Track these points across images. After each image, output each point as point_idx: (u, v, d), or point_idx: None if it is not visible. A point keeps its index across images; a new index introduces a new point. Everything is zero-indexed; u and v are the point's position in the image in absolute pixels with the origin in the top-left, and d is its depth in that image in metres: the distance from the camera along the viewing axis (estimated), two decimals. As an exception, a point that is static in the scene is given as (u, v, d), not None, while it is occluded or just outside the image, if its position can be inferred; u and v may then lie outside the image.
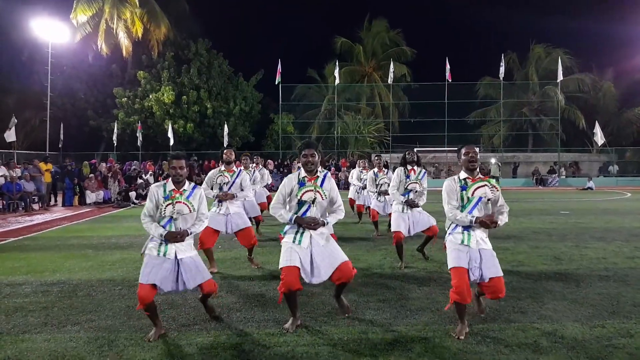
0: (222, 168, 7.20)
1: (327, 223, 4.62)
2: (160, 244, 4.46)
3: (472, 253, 4.39)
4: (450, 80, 33.14)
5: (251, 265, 7.31)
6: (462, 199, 4.52)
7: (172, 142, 30.62)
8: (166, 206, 4.46)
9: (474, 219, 4.39)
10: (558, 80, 33.56)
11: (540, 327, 4.61)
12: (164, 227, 4.48)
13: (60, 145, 30.60)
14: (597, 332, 4.46)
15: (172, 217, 4.48)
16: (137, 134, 31.45)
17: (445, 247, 4.66)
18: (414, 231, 7.15)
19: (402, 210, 7.15)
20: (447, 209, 4.56)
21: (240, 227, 7.00)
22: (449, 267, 4.46)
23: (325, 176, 4.73)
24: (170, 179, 4.61)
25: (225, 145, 8.89)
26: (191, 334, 4.47)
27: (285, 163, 31.54)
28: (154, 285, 4.31)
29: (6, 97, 32.78)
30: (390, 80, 34.56)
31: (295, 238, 4.56)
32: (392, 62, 34.96)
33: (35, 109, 32.53)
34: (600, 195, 23.05)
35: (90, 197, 19.53)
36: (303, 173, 4.68)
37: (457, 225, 4.55)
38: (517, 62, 40.27)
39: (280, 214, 4.62)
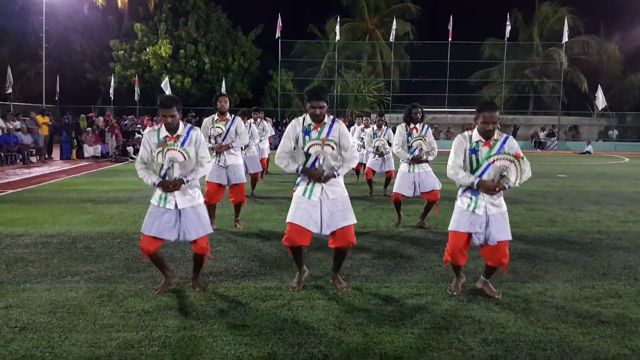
0: (215, 117, 6.84)
1: (338, 175, 4.33)
2: (161, 193, 4.29)
3: (477, 218, 4.16)
4: (451, 40, 32.61)
5: (236, 226, 7.06)
6: (470, 162, 4.20)
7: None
8: (157, 154, 4.22)
9: (476, 182, 4.09)
10: (563, 42, 33.04)
11: (531, 286, 4.70)
12: (163, 176, 4.28)
13: (57, 98, 30.29)
14: (587, 293, 4.56)
15: (166, 166, 4.24)
16: (135, 88, 31.12)
17: None
18: (417, 192, 6.90)
19: (409, 170, 6.86)
20: (450, 165, 4.23)
21: (235, 181, 6.84)
22: (449, 229, 4.38)
23: (333, 122, 4.34)
24: (162, 124, 4.35)
25: (218, 93, 7.92)
26: (189, 287, 4.55)
27: (284, 122, 31.33)
28: (155, 237, 4.24)
29: (0, 47, 32.21)
30: (392, 38, 33.96)
31: (306, 190, 4.33)
32: (394, 19, 34.24)
33: (30, 60, 32.00)
34: (598, 160, 23.10)
35: (88, 150, 19.49)
36: (308, 120, 4.33)
37: (466, 188, 4.26)
38: (522, 21, 39.43)
39: (286, 164, 4.36)
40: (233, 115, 6.95)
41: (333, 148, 4.29)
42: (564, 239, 6.68)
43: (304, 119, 4.36)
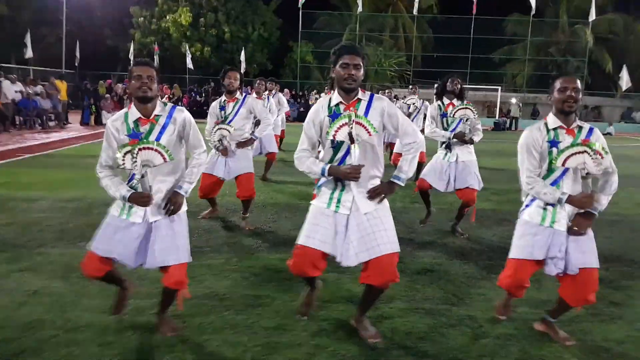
0: (223, 99, 5.64)
1: (400, 181, 3.05)
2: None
3: (555, 237, 3.01)
4: (475, 13, 31.89)
5: (244, 226, 5.69)
6: (550, 160, 3.01)
7: (190, 65, 30.19)
8: (124, 155, 2.90)
9: (564, 198, 2.94)
10: (590, 20, 32.07)
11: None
12: (132, 185, 3.08)
13: (76, 64, 30.41)
14: (601, 275, 4.39)
15: (138, 174, 2.98)
16: (154, 56, 31.09)
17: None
18: (452, 187, 5.48)
19: (444, 157, 5.50)
20: (525, 176, 3.08)
21: (240, 171, 5.60)
22: (509, 256, 3.21)
23: (371, 99, 3.03)
24: (132, 104, 3.09)
25: (227, 67, 5.88)
26: (203, 257, 4.56)
27: (301, 93, 31.17)
28: (108, 258, 3.08)
29: (21, 12, 32.28)
30: (415, 11, 33.37)
31: (331, 199, 3.06)
32: (418, -9, 33.53)
33: (50, 25, 32.06)
34: (618, 141, 22.61)
35: (107, 117, 19.61)
36: (336, 98, 3.02)
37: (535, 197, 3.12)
38: (549, -3, 38.30)
39: (307, 166, 3.05)
40: (244, 94, 5.76)
41: (370, 133, 2.91)
42: (581, 220, 6.56)
43: (330, 99, 3.06)
